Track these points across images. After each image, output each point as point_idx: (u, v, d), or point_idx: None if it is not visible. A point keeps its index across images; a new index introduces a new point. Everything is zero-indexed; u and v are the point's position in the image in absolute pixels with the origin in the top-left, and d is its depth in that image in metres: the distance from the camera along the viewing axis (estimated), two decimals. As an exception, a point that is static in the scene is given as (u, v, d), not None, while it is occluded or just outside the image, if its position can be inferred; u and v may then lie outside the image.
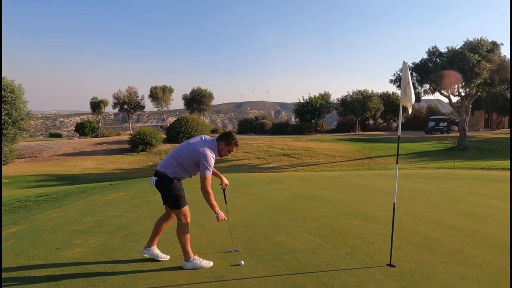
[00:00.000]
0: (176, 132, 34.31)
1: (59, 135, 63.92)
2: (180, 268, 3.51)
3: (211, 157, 3.47)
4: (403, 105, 3.73)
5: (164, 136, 35.59)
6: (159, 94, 53.93)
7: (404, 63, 3.63)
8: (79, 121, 57.80)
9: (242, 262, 3.63)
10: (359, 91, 47.40)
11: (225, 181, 4.02)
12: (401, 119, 3.69)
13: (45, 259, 3.68)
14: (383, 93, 50.25)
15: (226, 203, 4.24)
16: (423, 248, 4.15)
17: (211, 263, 3.60)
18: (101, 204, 6.54)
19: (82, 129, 53.09)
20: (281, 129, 46.40)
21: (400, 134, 3.83)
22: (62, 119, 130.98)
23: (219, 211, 3.63)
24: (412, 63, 26.00)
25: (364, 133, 44.64)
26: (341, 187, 8.90)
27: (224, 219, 3.67)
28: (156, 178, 3.53)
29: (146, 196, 7.38)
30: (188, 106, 55.38)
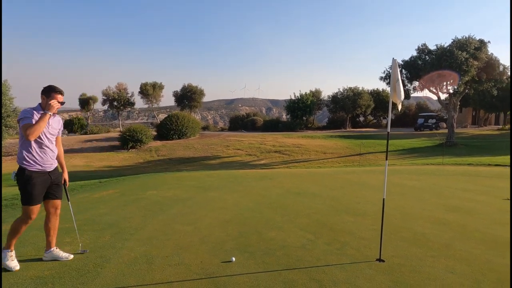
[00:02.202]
0: (167, 129, 34.07)
1: (47, 132, 62.72)
2: (171, 265, 3.49)
3: (25, 110, 3.26)
4: (392, 102, 3.77)
5: (155, 133, 35.30)
6: (149, 91, 53.38)
7: (394, 60, 3.66)
8: (68, 118, 56.86)
9: (233, 259, 3.63)
10: (350, 88, 47.68)
11: (65, 176, 3.78)
12: (390, 116, 3.73)
13: (33, 258, 3.62)
14: (373, 90, 50.66)
15: (68, 200, 4.05)
16: (412, 243, 4.21)
17: (18, 267, 3.37)
18: (90, 202, 6.46)
19: (71, 126, 52.29)
20: (272, 126, 46.48)
21: (389, 131, 3.87)
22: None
23: (48, 110, 3.25)
24: (402, 61, 26.23)
25: (355, 129, 44.98)
26: (332, 183, 8.96)
27: (56, 104, 3.32)
28: (15, 172, 3.37)
29: (136, 193, 7.32)
30: (178, 103, 54.96)
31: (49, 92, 3.36)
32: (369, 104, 46.77)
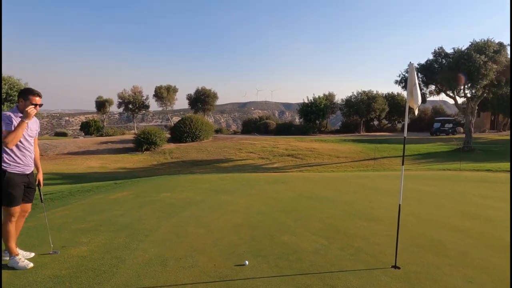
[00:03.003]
0: (181, 132, 34.40)
1: (64, 134, 64.31)
2: (185, 267, 3.51)
3: (3, 116, 3.26)
4: (409, 106, 3.71)
5: (169, 135, 35.70)
6: (163, 94, 54.11)
7: (410, 64, 3.61)
8: (84, 120, 58.13)
9: (247, 262, 3.63)
10: (364, 92, 47.23)
11: (39, 176, 3.79)
12: (407, 120, 3.67)
13: (51, 257, 3.70)
14: (388, 93, 50.04)
15: (42, 202, 4.14)
16: (429, 250, 4.13)
17: (31, 265, 3.44)
18: (106, 203, 6.58)
19: (87, 128, 53.45)
20: (285, 129, 46.38)
21: (406, 135, 3.81)
22: (67, 118, 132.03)
23: (25, 117, 3.31)
24: (418, 64, 25.84)
25: (369, 134, 44.46)
26: (346, 188, 8.87)
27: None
28: None
29: (150, 195, 7.41)
30: (192, 105, 55.51)
31: (27, 94, 3.40)
32: (383, 108, 46.21)
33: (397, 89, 58.46)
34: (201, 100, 54.62)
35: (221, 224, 5.14)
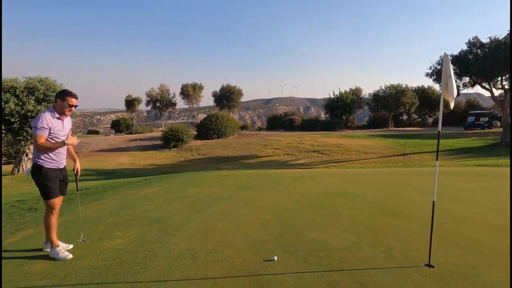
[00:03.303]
0: (207, 129, 34.92)
1: (96, 132, 67.05)
2: (214, 261, 3.57)
3: (39, 117, 3.48)
4: (444, 99, 3.57)
5: (195, 132, 36.35)
6: (189, 92, 55.06)
7: (445, 55, 3.46)
8: (115, 119, 60.19)
9: (275, 258, 3.64)
10: (392, 86, 45.86)
11: (77, 166, 3.95)
12: (441, 113, 3.53)
13: (88, 249, 3.88)
14: (418, 87, 48.34)
15: (77, 191, 4.21)
16: (465, 250, 3.96)
17: (70, 256, 3.61)
18: (137, 198, 6.79)
19: (117, 126, 55.36)
20: (310, 125, 45.96)
21: (440, 130, 3.66)
22: (98, 117, 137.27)
23: (66, 141, 3.63)
24: (451, 55, 24.73)
25: (398, 129, 43.17)
26: (375, 184, 8.67)
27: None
28: (30, 169, 3.63)
29: (179, 191, 7.58)
30: (217, 103, 56.15)
31: (64, 96, 3.62)
32: (413, 102, 44.68)
33: (428, 82, 56.26)
34: (226, 97, 55.11)
35: (249, 219, 5.18)
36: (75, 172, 3.97)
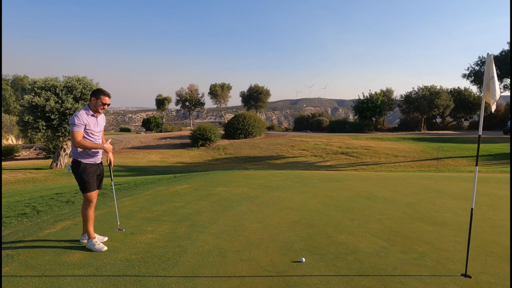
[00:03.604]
0: (234, 129, 35.22)
1: (128, 130, 69.46)
2: (243, 260, 3.60)
3: (75, 115, 3.69)
4: (485, 102, 3.40)
5: (223, 132, 36.76)
6: (218, 91, 55.76)
7: (488, 56, 3.30)
8: (145, 117, 62.03)
9: (303, 259, 3.62)
10: (426, 87, 44.16)
11: (110, 156, 4.06)
12: (482, 116, 3.36)
13: (121, 242, 4.03)
14: (453, 89, 46.23)
15: (112, 180, 4.37)
16: (505, 260, 3.75)
17: (105, 248, 3.77)
18: (167, 195, 6.97)
19: (148, 124, 57.01)
20: (338, 126, 45.21)
21: (481, 133, 3.49)
22: (130, 115, 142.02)
23: (104, 145, 3.88)
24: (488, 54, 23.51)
25: (431, 132, 41.54)
26: (406, 189, 8.40)
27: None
28: (70, 164, 3.86)
29: (207, 189, 7.70)
30: (245, 103, 56.48)
31: (98, 94, 3.82)
32: (448, 104, 42.80)
33: (464, 84, 53.88)
34: (254, 97, 55.31)
35: (276, 220, 5.17)
36: (108, 163, 4.13)
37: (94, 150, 3.85)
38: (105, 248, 3.79)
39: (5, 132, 40.86)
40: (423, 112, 43.37)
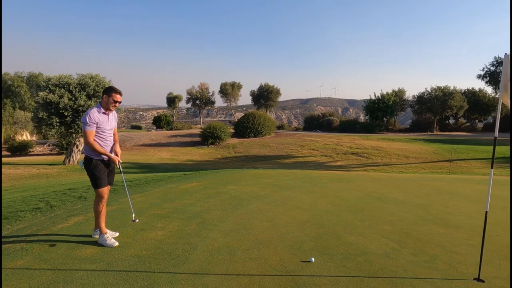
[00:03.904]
0: (244, 127, 35.26)
1: (139, 127, 70.18)
2: (252, 259, 3.61)
3: (87, 114, 3.75)
4: (502, 103, 3.32)
5: (232, 130, 36.84)
6: (228, 90, 55.88)
7: (506, 56, 3.23)
8: (156, 115, 62.59)
9: (313, 259, 3.60)
10: (439, 88, 43.47)
11: (118, 152, 4.11)
12: (499, 118, 3.29)
13: (132, 238, 4.08)
14: (467, 89, 45.39)
15: (121, 172, 4.29)
16: (520, 265, 3.67)
17: (116, 243, 3.82)
18: (177, 192, 7.02)
19: (158, 122, 57.54)
20: (349, 127, 44.84)
21: (497, 135, 3.42)
22: (141, 113, 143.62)
23: (111, 155, 3.90)
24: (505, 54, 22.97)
25: (443, 133, 40.89)
26: (417, 190, 8.29)
27: (119, 161, 4.01)
28: (82, 161, 3.93)
29: (217, 187, 7.73)
30: (255, 102, 56.46)
31: (110, 92, 3.87)
32: (461, 105, 42.06)
33: (479, 84, 52.84)
34: (264, 96, 55.26)
35: (286, 219, 5.16)
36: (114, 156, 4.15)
37: (105, 146, 3.91)
38: (116, 243, 3.84)
39: (20, 128, 41.74)
40: (436, 113, 42.72)
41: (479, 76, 25.12)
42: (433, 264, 3.65)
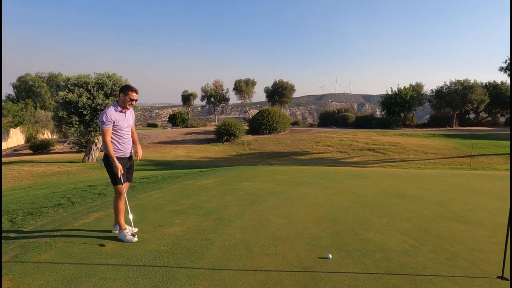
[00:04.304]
0: (258, 124, 35.25)
1: (155, 125, 71.18)
2: (269, 254, 3.62)
3: (104, 112, 3.82)
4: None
5: (247, 127, 36.88)
6: (242, 87, 55.94)
7: (531, 46, 3.10)
8: (172, 113, 63.29)
9: (330, 256, 3.58)
10: (459, 81, 42.27)
11: (139, 153, 4.22)
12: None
13: (150, 234, 4.15)
14: (489, 83, 43.98)
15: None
16: (546, 263, 3.55)
17: (135, 239, 3.89)
18: (194, 189, 7.10)
19: (174, 120, 58.20)
20: (365, 122, 44.16)
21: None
22: (157, 111, 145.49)
23: (117, 162, 3.86)
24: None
25: (463, 128, 39.78)
26: (437, 187, 8.11)
27: (121, 172, 3.92)
28: (102, 158, 4.00)
29: (232, 184, 7.77)
30: (269, 98, 56.29)
31: (127, 90, 3.94)
32: (482, 99, 40.77)
33: (501, 77, 51.15)
34: (278, 92, 55.02)
35: (302, 215, 5.15)
36: (135, 156, 4.23)
37: (123, 143, 4.00)
38: (136, 239, 3.92)
39: (41, 127, 43.01)
40: (455, 108, 41.59)
41: (501, 69, 24.27)
42: (454, 261, 3.58)
